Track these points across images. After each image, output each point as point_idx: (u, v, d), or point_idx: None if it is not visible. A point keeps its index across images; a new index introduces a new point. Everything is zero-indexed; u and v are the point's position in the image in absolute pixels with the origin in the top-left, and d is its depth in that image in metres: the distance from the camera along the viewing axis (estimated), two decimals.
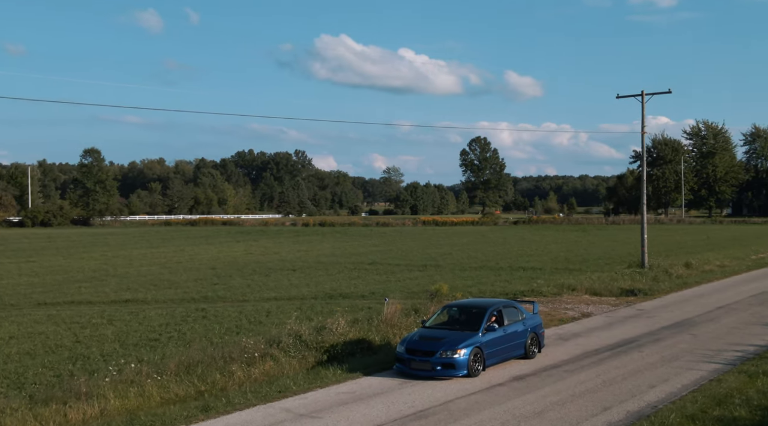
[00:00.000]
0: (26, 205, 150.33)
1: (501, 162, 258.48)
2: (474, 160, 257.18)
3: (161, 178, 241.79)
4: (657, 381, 18.12)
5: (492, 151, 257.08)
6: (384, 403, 16.34)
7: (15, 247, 73.01)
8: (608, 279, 36.39)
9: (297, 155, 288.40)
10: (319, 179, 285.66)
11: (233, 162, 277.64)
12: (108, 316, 29.34)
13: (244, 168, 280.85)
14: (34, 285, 40.60)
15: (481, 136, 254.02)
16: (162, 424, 14.83)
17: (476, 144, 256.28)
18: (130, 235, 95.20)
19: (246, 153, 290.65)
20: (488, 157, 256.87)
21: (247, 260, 54.74)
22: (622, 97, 41.05)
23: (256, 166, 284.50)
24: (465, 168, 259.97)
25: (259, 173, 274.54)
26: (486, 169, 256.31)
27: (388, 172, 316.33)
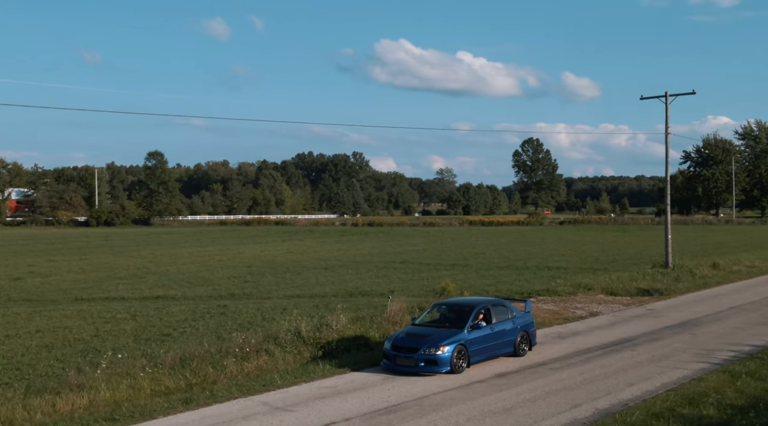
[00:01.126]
0: (94, 206, 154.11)
1: (553, 163, 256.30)
2: (526, 161, 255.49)
3: (224, 179, 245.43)
4: (638, 379, 17.90)
5: (545, 152, 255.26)
6: (360, 397, 16.47)
7: (73, 246, 75.02)
8: (628, 279, 35.88)
9: (355, 157, 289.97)
10: (376, 180, 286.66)
11: (293, 164, 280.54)
12: (134, 311, 30.02)
13: (303, 169, 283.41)
14: (78, 281, 41.71)
15: (534, 138, 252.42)
16: (141, 415, 15.19)
17: (529, 145, 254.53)
18: (183, 235, 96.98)
19: (306, 155, 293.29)
20: (541, 158, 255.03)
21: (285, 259, 55.33)
22: (646, 99, 40.43)
23: (315, 168, 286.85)
24: (518, 169, 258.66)
25: (318, 174, 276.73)
26: (538, 170, 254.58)
27: (442, 173, 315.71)
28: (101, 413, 15.29)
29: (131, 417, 15.01)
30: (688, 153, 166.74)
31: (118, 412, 15.30)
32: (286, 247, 68.60)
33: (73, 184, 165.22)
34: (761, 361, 19.58)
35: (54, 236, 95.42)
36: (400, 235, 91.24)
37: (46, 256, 60.07)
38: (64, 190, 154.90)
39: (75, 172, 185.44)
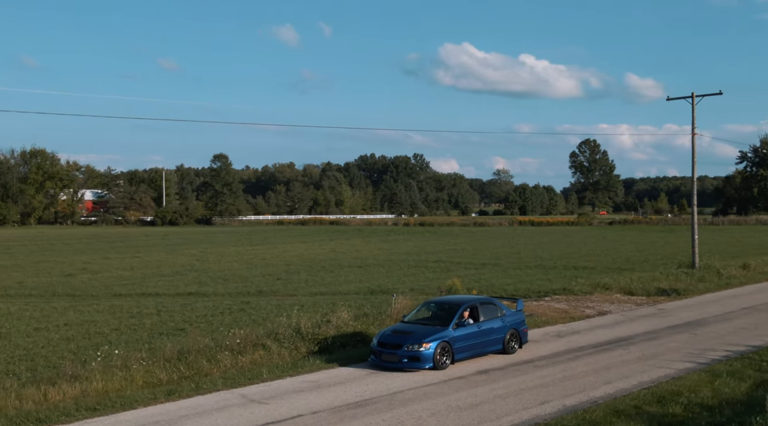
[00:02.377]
0: (162, 206, 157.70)
1: (611, 163, 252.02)
2: (583, 162, 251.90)
3: (289, 180, 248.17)
4: (617, 378, 17.59)
5: (602, 153, 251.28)
6: (336, 392, 16.55)
7: (131, 244, 76.87)
8: (649, 279, 35.12)
9: (416, 158, 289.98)
10: (436, 181, 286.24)
11: (356, 165, 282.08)
12: (161, 307, 30.67)
13: (365, 171, 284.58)
14: (123, 278, 42.77)
15: (591, 139, 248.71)
16: (122, 405, 15.53)
17: (586, 146, 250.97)
18: (238, 234, 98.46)
19: (368, 157, 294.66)
20: (598, 159, 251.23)
21: (326, 257, 55.74)
22: (672, 100, 39.51)
23: (377, 169, 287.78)
24: (574, 170, 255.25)
25: (380, 176, 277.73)
26: (595, 171, 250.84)
27: (499, 174, 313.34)
28: (87, 403, 15.68)
29: (112, 407, 15.37)
30: (745, 153, 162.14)
31: (102, 402, 15.68)
32: (331, 246, 69.08)
33: (143, 186, 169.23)
34: (749, 361, 19.04)
35: (117, 235, 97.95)
36: (445, 234, 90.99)
37: (103, 254, 61.74)
38: (135, 191, 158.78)
39: (146, 174, 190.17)
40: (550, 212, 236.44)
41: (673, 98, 39.56)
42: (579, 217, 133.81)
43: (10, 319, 28.39)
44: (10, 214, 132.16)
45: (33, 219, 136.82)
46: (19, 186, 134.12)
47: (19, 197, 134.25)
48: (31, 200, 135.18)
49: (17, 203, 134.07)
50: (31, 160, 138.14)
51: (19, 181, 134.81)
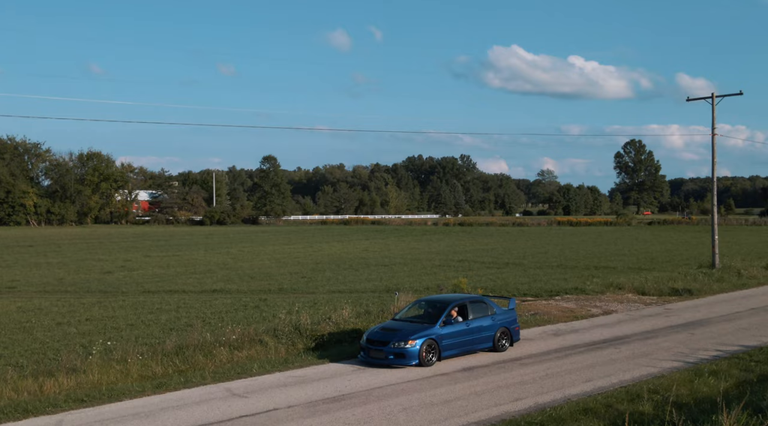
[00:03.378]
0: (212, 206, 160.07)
1: (656, 164, 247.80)
2: (629, 162, 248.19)
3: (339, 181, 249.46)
4: (599, 376, 17.37)
5: (647, 153, 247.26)
6: (318, 387, 16.65)
7: (175, 243, 78.15)
8: (666, 279, 34.51)
9: (462, 159, 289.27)
10: (483, 182, 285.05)
11: (404, 166, 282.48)
12: (182, 303, 31.17)
13: (413, 172, 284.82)
14: (156, 276, 43.54)
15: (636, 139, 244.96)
16: (109, 397, 15.85)
17: (631, 147, 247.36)
18: (279, 233, 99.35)
19: (416, 158, 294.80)
20: (643, 159, 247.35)
21: (356, 256, 55.95)
22: (692, 100, 38.74)
23: (424, 170, 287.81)
24: (619, 170, 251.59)
25: (427, 176, 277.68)
26: (640, 171, 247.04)
27: (543, 174, 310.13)
28: (77, 395, 16.03)
29: (100, 399, 15.71)
30: None
31: (91, 394, 16.02)
32: (365, 246, 69.28)
33: (195, 187, 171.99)
34: (738, 361, 18.63)
35: (164, 234, 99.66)
36: (480, 234, 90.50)
37: (145, 253, 62.87)
38: (187, 192, 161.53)
39: (198, 176, 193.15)
40: (594, 212, 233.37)
41: (692, 99, 38.82)
42: (618, 217, 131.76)
43: (38, 314, 29.17)
44: (68, 214, 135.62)
45: (89, 218, 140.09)
46: (77, 187, 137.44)
47: (77, 197, 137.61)
48: (87, 200, 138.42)
49: (75, 203, 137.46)
50: (88, 162, 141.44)
51: (76, 182, 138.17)
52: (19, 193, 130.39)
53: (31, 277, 43.48)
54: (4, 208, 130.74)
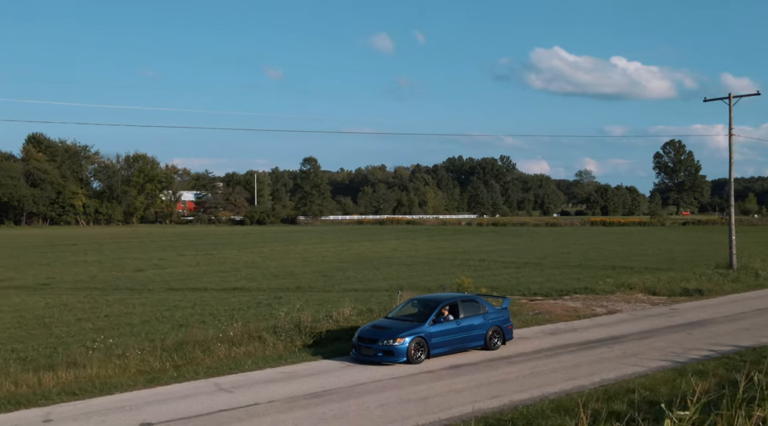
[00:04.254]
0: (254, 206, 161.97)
1: (696, 164, 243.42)
2: (668, 162, 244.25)
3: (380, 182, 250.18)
4: (583, 375, 17.21)
5: (687, 153, 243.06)
6: (303, 382, 16.77)
7: (211, 242, 79.11)
8: (680, 279, 33.94)
9: (502, 160, 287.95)
10: (523, 182, 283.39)
11: (444, 167, 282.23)
12: (200, 301, 31.51)
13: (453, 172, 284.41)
14: (184, 274, 44.10)
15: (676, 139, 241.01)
16: (101, 390, 16.18)
17: (670, 147, 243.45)
18: (315, 233, 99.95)
19: (456, 159, 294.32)
20: (683, 159, 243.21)
21: (382, 255, 56.03)
22: (709, 101, 38.08)
23: (464, 171, 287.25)
24: (658, 170, 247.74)
25: (467, 177, 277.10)
26: (680, 171, 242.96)
27: (581, 174, 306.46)
28: (72, 388, 16.38)
29: (91, 392, 16.05)
30: None
31: (84, 388, 16.37)
32: (394, 245, 69.33)
33: (238, 187, 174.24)
34: (727, 361, 18.30)
35: (203, 233, 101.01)
36: (509, 234, 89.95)
37: (180, 251, 63.74)
38: (231, 193, 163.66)
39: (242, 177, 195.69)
40: (632, 213, 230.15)
41: (710, 99, 38.14)
42: (652, 217, 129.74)
43: (61, 310, 29.77)
44: (115, 214, 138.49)
45: (135, 218, 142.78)
46: (123, 188, 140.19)
47: (123, 198, 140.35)
48: (133, 201, 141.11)
49: (121, 203, 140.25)
50: (134, 164, 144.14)
51: (123, 184, 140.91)
52: (69, 194, 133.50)
53: (66, 275, 44.40)
54: (55, 209, 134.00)
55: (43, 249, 68.89)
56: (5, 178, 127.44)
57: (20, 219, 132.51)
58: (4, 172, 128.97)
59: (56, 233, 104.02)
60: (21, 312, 29.45)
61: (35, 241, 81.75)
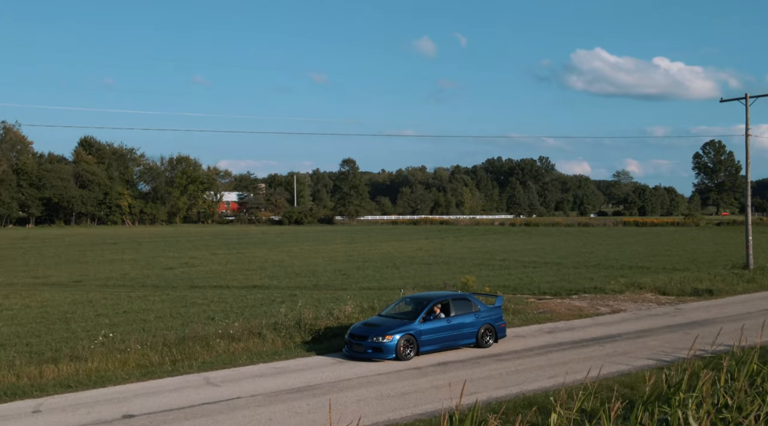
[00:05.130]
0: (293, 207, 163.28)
1: (737, 164, 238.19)
2: (708, 163, 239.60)
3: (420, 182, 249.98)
4: (565, 373, 17.04)
5: (727, 153, 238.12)
6: (290, 377, 16.94)
7: (246, 241, 79.95)
8: (693, 279, 33.37)
9: (541, 161, 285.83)
10: (562, 183, 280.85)
11: (483, 168, 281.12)
12: (217, 298, 31.94)
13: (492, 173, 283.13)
14: (211, 272, 44.64)
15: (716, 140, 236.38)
16: (94, 383, 16.53)
17: (710, 147, 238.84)
18: (347, 232, 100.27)
19: (495, 160, 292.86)
20: (723, 159, 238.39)
21: (406, 254, 56.03)
22: (725, 101, 37.36)
23: (503, 172, 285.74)
24: (698, 171, 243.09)
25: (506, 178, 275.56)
26: (720, 172, 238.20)
27: (618, 175, 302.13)
28: (68, 381, 16.76)
29: (85, 385, 16.42)
30: None
31: (80, 380, 16.75)
32: (421, 245, 69.27)
33: (279, 188, 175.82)
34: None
35: (239, 233, 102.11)
36: (539, 234, 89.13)
37: (213, 250, 64.57)
38: (272, 193, 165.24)
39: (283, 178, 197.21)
40: (670, 213, 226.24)
41: (726, 100, 37.41)
42: (686, 218, 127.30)
43: (84, 306, 30.44)
44: (159, 214, 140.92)
45: (178, 218, 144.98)
46: (167, 189, 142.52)
47: (167, 199, 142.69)
48: (176, 201, 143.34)
49: (165, 204, 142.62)
50: (177, 166, 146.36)
51: (166, 185, 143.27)
52: (115, 195, 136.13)
53: (99, 272, 45.34)
54: (102, 209, 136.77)
55: (84, 248, 70.41)
56: (56, 179, 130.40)
57: (70, 219, 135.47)
58: (54, 174, 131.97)
59: (101, 233, 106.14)
60: (47, 307, 30.21)
61: (79, 240, 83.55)
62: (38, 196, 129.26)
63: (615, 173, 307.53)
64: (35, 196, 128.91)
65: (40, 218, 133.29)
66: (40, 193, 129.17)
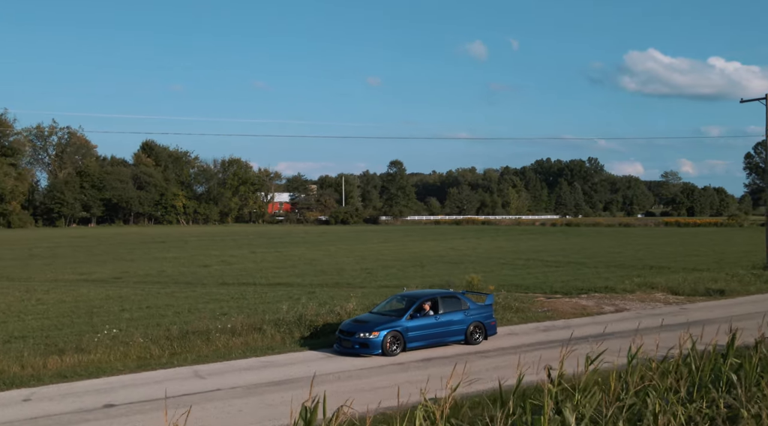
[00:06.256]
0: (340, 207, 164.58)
1: None
2: (759, 163, 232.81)
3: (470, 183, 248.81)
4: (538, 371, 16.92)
5: None
6: (274, 371, 17.20)
7: (288, 240, 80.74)
8: (708, 279, 32.67)
9: (590, 162, 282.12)
10: (611, 183, 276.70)
11: (532, 169, 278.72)
12: (239, 295, 32.35)
13: (541, 174, 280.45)
14: (244, 270, 45.24)
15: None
16: (89, 374, 17.02)
17: (762, 147, 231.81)
18: (387, 232, 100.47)
19: (544, 161, 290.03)
20: None
21: (437, 254, 55.93)
22: (745, 102, 36.36)
23: (552, 173, 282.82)
24: (749, 171, 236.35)
25: (555, 179, 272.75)
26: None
27: (666, 176, 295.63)
28: (66, 371, 17.29)
29: (80, 375, 16.91)
30: None
31: (77, 371, 17.27)
32: (454, 245, 68.99)
33: (329, 189, 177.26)
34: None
35: (283, 232, 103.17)
36: (576, 234, 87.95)
37: (253, 248, 65.39)
38: (322, 194, 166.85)
39: (333, 180, 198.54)
40: (720, 213, 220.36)
41: (746, 100, 36.42)
42: (729, 218, 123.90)
43: (113, 301, 31.18)
44: (211, 214, 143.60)
45: (230, 218, 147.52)
46: (219, 190, 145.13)
47: (219, 199, 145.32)
48: (228, 202, 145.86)
49: (217, 204, 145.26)
50: (229, 168, 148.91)
51: (219, 186, 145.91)
52: (171, 196, 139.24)
53: (139, 269, 46.39)
54: (158, 209, 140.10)
55: (134, 246, 72.12)
56: (116, 181, 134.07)
57: (129, 218, 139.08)
58: (114, 176, 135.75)
59: (153, 232, 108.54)
60: (79, 302, 31.07)
61: (131, 239, 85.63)
62: (99, 197, 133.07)
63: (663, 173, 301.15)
64: (96, 197, 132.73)
65: (101, 218, 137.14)
66: (101, 194, 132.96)
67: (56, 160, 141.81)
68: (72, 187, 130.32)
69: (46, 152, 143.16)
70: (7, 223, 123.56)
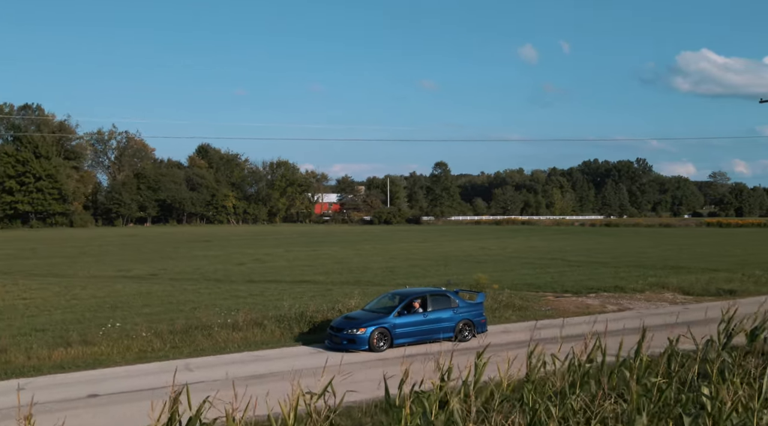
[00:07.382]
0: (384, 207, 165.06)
1: None
2: None
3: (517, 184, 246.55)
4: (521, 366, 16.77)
5: None
6: (260, 365, 17.45)
7: (327, 239, 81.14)
8: (722, 280, 31.92)
9: (638, 162, 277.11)
10: (660, 184, 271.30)
11: (579, 170, 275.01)
12: (259, 292, 32.71)
13: (588, 175, 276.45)
14: (274, 268, 45.72)
15: None
16: (89, 365, 17.57)
17: None
18: (425, 232, 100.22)
19: (591, 162, 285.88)
20: None
21: (466, 253, 55.62)
22: (765, 102, 35.23)
23: (599, 174, 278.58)
24: None
25: (602, 180, 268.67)
26: None
27: (714, 176, 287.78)
28: (69, 363, 17.86)
29: (78, 366, 17.46)
30: None
31: (76, 363, 17.82)
32: (487, 244, 68.45)
33: (376, 190, 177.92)
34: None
35: (324, 232, 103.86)
36: (610, 234, 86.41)
37: (290, 247, 65.93)
38: (368, 195, 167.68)
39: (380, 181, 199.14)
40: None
41: (765, 100, 35.30)
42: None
43: (141, 297, 31.66)
44: (260, 214, 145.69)
45: (278, 218, 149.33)
46: (267, 191, 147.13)
47: (267, 200, 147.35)
48: (276, 202, 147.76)
49: (265, 205, 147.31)
50: (277, 170, 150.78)
51: (267, 187, 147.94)
52: (221, 197, 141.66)
53: (176, 267, 47.27)
54: (210, 209, 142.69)
55: (179, 244, 73.46)
56: (170, 183, 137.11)
57: (182, 218, 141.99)
58: (169, 178, 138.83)
59: (202, 231, 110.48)
60: (108, 297, 31.83)
61: (179, 238, 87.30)
62: (154, 198, 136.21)
63: (711, 174, 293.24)
64: (152, 197, 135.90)
65: (156, 218, 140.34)
66: (156, 195, 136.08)
67: (115, 163, 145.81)
68: (129, 189, 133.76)
69: (106, 155, 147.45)
70: (70, 222, 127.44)
